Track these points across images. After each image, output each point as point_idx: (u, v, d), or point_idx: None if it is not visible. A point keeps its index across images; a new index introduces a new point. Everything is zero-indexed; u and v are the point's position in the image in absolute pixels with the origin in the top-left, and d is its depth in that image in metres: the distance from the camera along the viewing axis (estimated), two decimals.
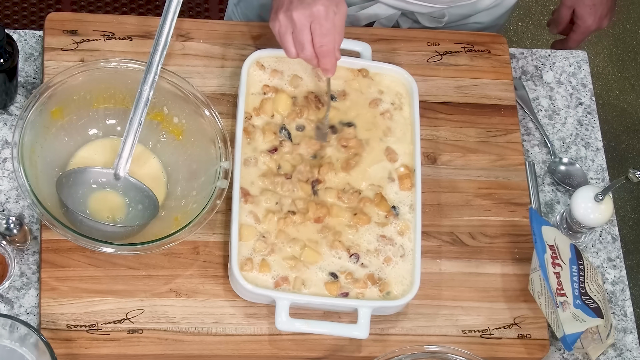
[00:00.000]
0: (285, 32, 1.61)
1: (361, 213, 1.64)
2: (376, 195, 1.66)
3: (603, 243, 1.79)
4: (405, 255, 1.62)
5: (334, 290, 1.59)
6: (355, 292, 1.60)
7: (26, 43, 1.76)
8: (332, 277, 1.60)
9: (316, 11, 1.59)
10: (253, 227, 1.61)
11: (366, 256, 1.62)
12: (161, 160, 1.69)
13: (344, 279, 1.60)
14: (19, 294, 1.60)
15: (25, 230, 1.61)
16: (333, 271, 1.61)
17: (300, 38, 1.60)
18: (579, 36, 1.93)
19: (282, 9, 1.61)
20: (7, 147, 1.68)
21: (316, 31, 1.60)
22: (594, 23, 1.91)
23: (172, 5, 1.61)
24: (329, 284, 1.59)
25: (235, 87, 1.74)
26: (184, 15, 2.91)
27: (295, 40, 1.61)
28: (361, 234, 1.63)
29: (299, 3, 1.59)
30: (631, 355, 1.71)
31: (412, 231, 1.64)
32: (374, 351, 1.61)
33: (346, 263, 1.61)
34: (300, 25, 1.59)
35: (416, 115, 1.71)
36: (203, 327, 1.59)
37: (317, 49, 1.61)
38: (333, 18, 1.60)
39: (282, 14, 1.60)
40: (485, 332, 1.65)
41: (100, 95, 1.66)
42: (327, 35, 1.60)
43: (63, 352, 1.54)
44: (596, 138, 1.86)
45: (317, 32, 1.60)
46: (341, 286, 1.60)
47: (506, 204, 1.74)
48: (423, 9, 1.87)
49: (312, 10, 1.59)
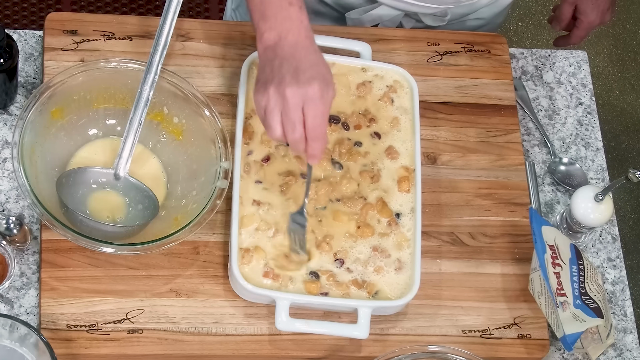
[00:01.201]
0: (273, 109, 1.49)
1: (365, 226, 1.63)
2: (378, 201, 1.65)
3: (603, 243, 1.79)
4: (401, 269, 1.62)
5: (314, 290, 1.59)
6: (339, 294, 1.59)
7: (26, 43, 1.76)
8: (314, 276, 1.60)
9: (312, 91, 1.48)
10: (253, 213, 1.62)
11: (354, 264, 1.61)
12: (161, 160, 1.69)
13: (325, 280, 1.60)
14: (19, 294, 1.60)
15: (25, 230, 1.61)
16: (315, 270, 1.60)
17: (292, 117, 1.48)
18: (582, 32, 1.92)
19: (272, 83, 1.49)
20: (7, 147, 1.68)
21: (309, 113, 1.48)
22: (597, 18, 1.90)
23: (172, 5, 1.61)
24: (309, 283, 1.59)
25: (235, 87, 1.74)
26: (184, 15, 2.91)
27: (286, 120, 1.48)
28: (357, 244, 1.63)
29: (292, 79, 1.48)
30: (631, 355, 1.71)
31: (411, 242, 1.64)
32: (374, 351, 1.61)
33: (329, 265, 1.61)
34: (294, 104, 1.48)
35: (416, 115, 1.71)
36: (203, 327, 1.59)
37: (309, 132, 1.49)
38: (326, 100, 1.50)
39: (272, 88, 1.48)
40: (485, 332, 1.65)
41: (100, 95, 1.66)
42: (321, 118, 1.49)
43: (63, 352, 1.54)
44: (596, 138, 1.86)
45: (310, 114, 1.48)
46: (321, 286, 1.59)
47: (506, 204, 1.74)
48: (426, 10, 1.86)
49: (307, 89, 1.48)
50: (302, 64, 1.51)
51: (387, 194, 1.66)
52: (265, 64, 1.53)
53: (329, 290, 1.59)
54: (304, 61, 1.51)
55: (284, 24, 1.54)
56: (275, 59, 1.52)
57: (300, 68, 1.50)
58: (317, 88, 1.48)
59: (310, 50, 1.54)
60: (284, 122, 1.49)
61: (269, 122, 1.50)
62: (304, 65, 1.51)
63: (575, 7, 1.90)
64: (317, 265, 1.61)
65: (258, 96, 1.51)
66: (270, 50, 1.53)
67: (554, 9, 1.95)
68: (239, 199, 1.61)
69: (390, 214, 1.65)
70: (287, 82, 1.48)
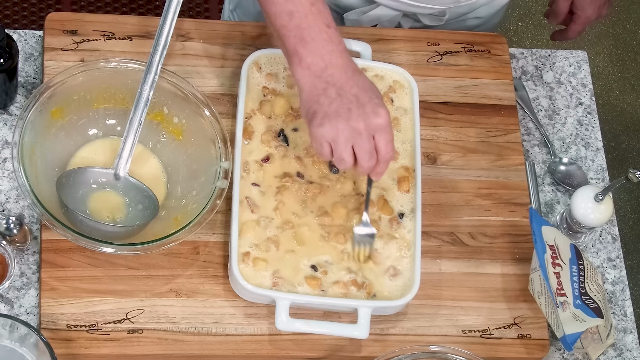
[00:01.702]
0: (345, 142, 1.50)
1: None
2: (379, 199, 1.65)
3: (603, 243, 1.79)
4: (397, 275, 1.62)
5: (315, 286, 1.59)
6: (339, 293, 1.60)
7: (26, 43, 1.76)
8: (313, 269, 1.60)
9: (381, 120, 1.50)
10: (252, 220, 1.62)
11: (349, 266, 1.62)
12: (161, 160, 1.69)
13: (323, 278, 1.60)
14: (19, 294, 1.60)
15: (25, 230, 1.61)
16: (315, 264, 1.61)
17: (367, 148, 1.51)
18: (579, 26, 1.90)
19: (338, 116, 1.50)
20: (7, 147, 1.68)
21: (382, 141, 1.51)
22: (593, 12, 1.88)
23: (172, 5, 1.61)
24: (309, 279, 1.59)
25: (235, 87, 1.74)
26: (184, 15, 2.91)
27: (361, 151, 1.51)
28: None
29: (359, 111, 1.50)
30: (631, 355, 1.71)
31: (411, 243, 1.63)
32: (374, 351, 1.61)
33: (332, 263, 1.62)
34: (367, 136, 1.50)
35: (416, 115, 1.71)
36: (203, 327, 1.59)
37: (382, 157, 1.53)
38: (390, 123, 1.53)
39: (342, 123, 1.49)
40: (485, 332, 1.65)
41: (100, 95, 1.66)
42: (392, 143, 1.53)
43: (63, 352, 1.54)
44: (596, 138, 1.86)
45: (382, 142, 1.51)
46: (321, 284, 1.60)
47: (506, 204, 1.74)
48: (425, 10, 1.86)
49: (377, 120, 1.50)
50: (359, 90, 1.51)
51: (387, 192, 1.66)
52: (318, 93, 1.51)
53: (328, 289, 1.59)
54: (360, 86, 1.52)
55: (326, 47, 1.52)
56: (328, 88, 1.51)
57: (360, 97, 1.51)
58: (384, 115, 1.50)
59: (357, 72, 1.54)
60: (358, 154, 1.51)
61: (341, 155, 1.51)
62: (361, 92, 1.51)
63: (571, 1, 1.89)
64: (321, 260, 1.61)
65: (321, 130, 1.50)
66: (319, 79, 1.52)
67: (550, 3, 1.92)
68: (239, 198, 1.62)
69: (392, 211, 1.65)
70: (356, 116, 1.50)
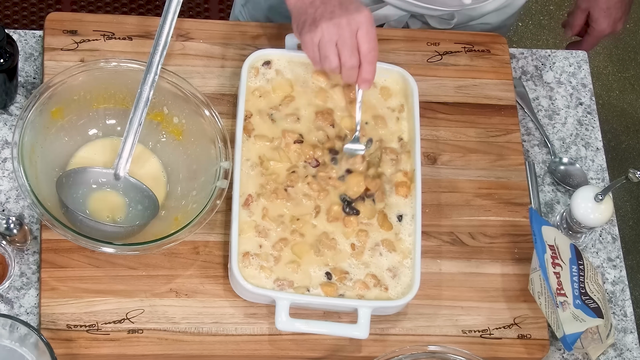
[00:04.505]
0: (329, 41, 1.55)
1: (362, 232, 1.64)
2: (379, 214, 1.65)
3: (603, 243, 1.79)
4: (397, 275, 1.62)
5: (331, 292, 1.59)
6: (355, 294, 1.60)
7: (26, 43, 1.76)
8: (327, 277, 1.60)
9: (363, 17, 1.55)
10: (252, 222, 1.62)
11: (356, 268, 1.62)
12: (161, 160, 1.69)
13: (338, 282, 1.60)
14: (19, 294, 1.60)
15: (25, 230, 1.61)
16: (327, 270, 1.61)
17: (349, 44, 1.54)
18: (593, 39, 1.94)
19: (322, 18, 1.54)
20: (7, 147, 1.68)
21: (364, 38, 1.54)
22: (608, 27, 1.92)
23: (172, 5, 1.61)
24: (325, 286, 1.59)
25: (235, 87, 1.74)
26: (184, 15, 2.91)
27: (343, 48, 1.54)
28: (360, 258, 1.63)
29: (342, 11, 1.54)
30: (631, 355, 1.71)
31: (411, 245, 1.63)
32: (374, 351, 1.61)
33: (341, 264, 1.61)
34: (349, 31, 1.54)
35: (416, 115, 1.71)
36: (203, 327, 1.59)
37: (365, 56, 1.55)
38: (374, 24, 1.55)
39: (324, 22, 1.54)
40: (485, 332, 1.65)
41: (100, 95, 1.67)
42: (374, 41, 1.55)
43: (63, 352, 1.54)
44: (596, 138, 1.87)
45: (364, 39, 1.54)
46: (337, 287, 1.60)
47: (506, 204, 1.74)
48: (432, 12, 1.86)
49: (359, 16, 1.54)
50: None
51: (387, 207, 1.66)
52: (305, 6, 1.57)
53: (345, 291, 1.59)
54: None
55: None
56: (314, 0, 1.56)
57: (343, 2, 1.55)
58: (367, 13, 1.55)
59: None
60: (341, 50, 1.54)
61: (326, 53, 1.55)
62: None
63: (588, 14, 1.92)
64: (333, 264, 1.61)
65: (309, 34, 1.55)
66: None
67: (568, 14, 1.96)
68: (238, 198, 1.62)
69: (391, 227, 1.64)
70: (338, 14, 1.54)
